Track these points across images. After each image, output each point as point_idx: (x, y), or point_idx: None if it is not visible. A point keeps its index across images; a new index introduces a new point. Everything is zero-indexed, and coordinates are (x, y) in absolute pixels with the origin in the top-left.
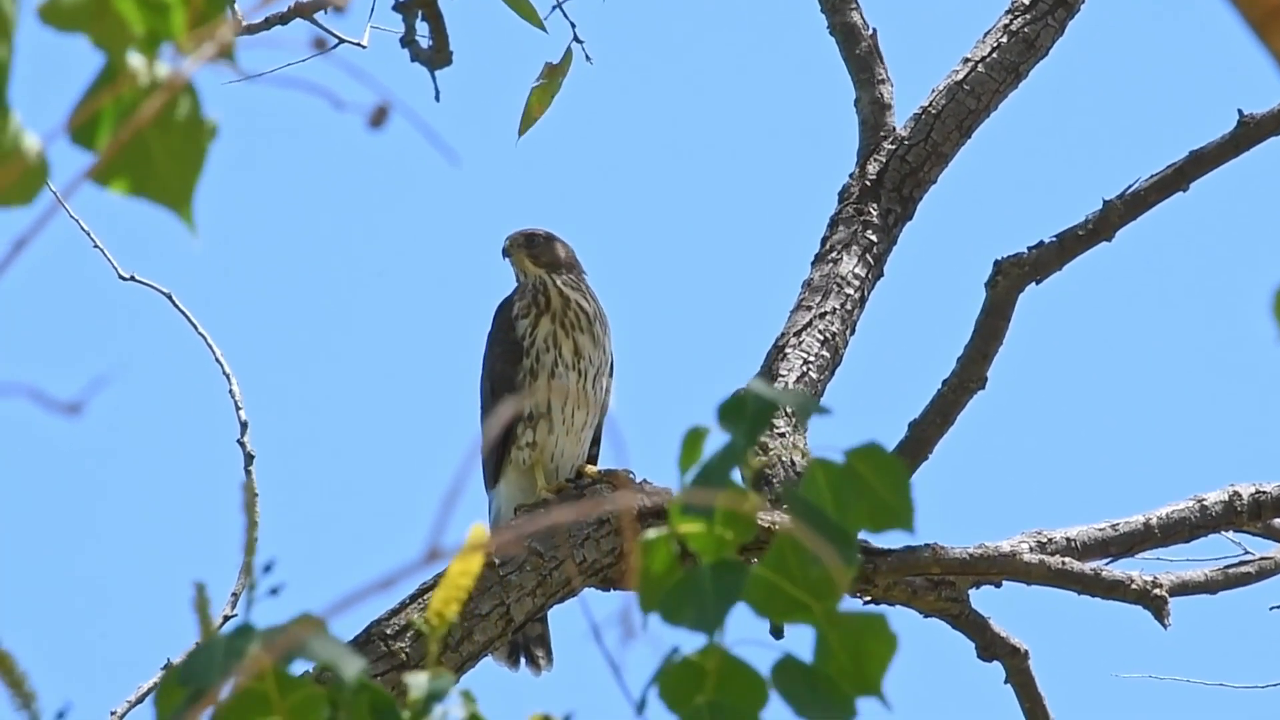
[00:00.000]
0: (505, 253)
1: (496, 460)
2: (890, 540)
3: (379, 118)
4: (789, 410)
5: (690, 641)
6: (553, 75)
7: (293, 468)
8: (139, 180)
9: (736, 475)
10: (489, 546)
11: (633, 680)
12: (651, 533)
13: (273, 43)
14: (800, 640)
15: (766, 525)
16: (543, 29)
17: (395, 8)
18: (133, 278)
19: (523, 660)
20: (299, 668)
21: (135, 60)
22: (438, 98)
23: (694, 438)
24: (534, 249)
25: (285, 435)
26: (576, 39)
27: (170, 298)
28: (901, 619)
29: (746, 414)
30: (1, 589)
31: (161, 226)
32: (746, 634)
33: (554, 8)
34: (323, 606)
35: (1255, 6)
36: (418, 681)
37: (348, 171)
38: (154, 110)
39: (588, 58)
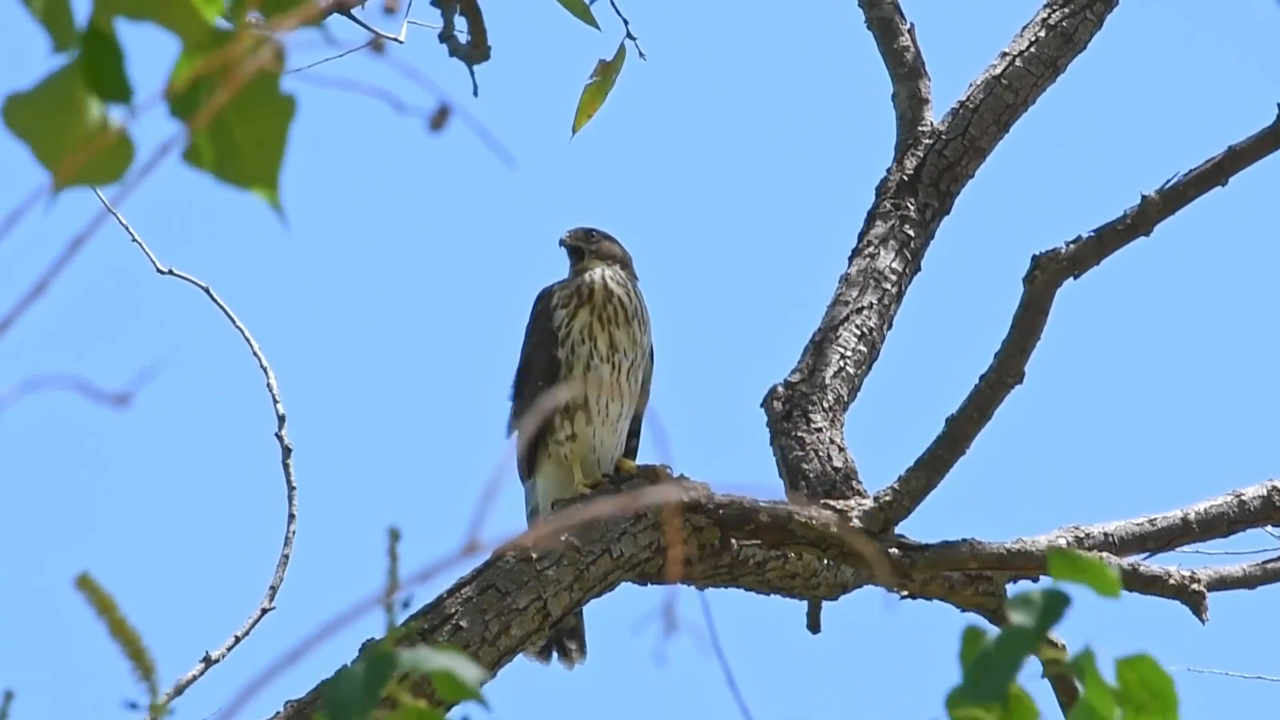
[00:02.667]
0: (563, 243)
1: (532, 452)
2: (929, 534)
3: (440, 120)
4: (826, 405)
5: None
6: (606, 73)
7: (330, 461)
8: (222, 163)
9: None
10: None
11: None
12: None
13: (325, 42)
14: None
15: (804, 521)
16: (595, 26)
17: (434, 2)
18: (171, 271)
19: (555, 653)
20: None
21: (222, 24)
22: (476, 93)
23: (973, 636)
24: (591, 243)
25: (323, 428)
26: (630, 35)
27: (208, 291)
28: (939, 613)
29: (1036, 607)
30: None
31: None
32: None
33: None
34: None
35: None
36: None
37: (391, 166)
38: (240, 82)
39: (641, 54)
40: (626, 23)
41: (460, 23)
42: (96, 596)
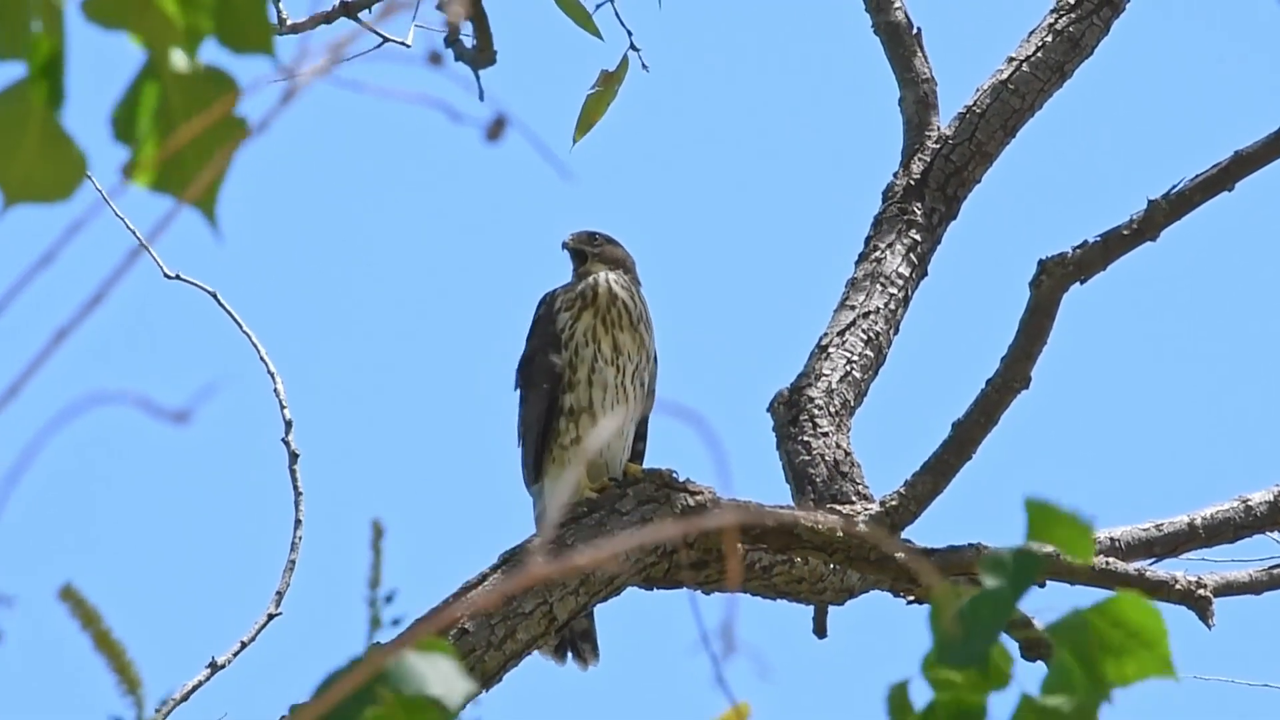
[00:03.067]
0: (565, 246)
1: (537, 458)
2: (934, 539)
3: (496, 131)
4: (833, 410)
5: None
6: (608, 83)
7: (337, 466)
8: (164, 177)
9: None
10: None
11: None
12: (898, 681)
13: (382, 56)
14: None
15: (810, 526)
16: (598, 35)
17: (439, 6)
18: (178, 276)
19: (570, 655)
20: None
21: (177, 58)
22: (481, 97)
23: (946, 594)
24: (594, 246)
25: (330, 434)
26: (633, 46)
27: (215, 296)
28: None
29: (1009, 568)
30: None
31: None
32: None
33: (598, 7)
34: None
35: None
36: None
37: (397, 172)
38: (204, 122)
39: (644, 66)
40: (630, 34)
41: (466, 27)
42: (81, 609)
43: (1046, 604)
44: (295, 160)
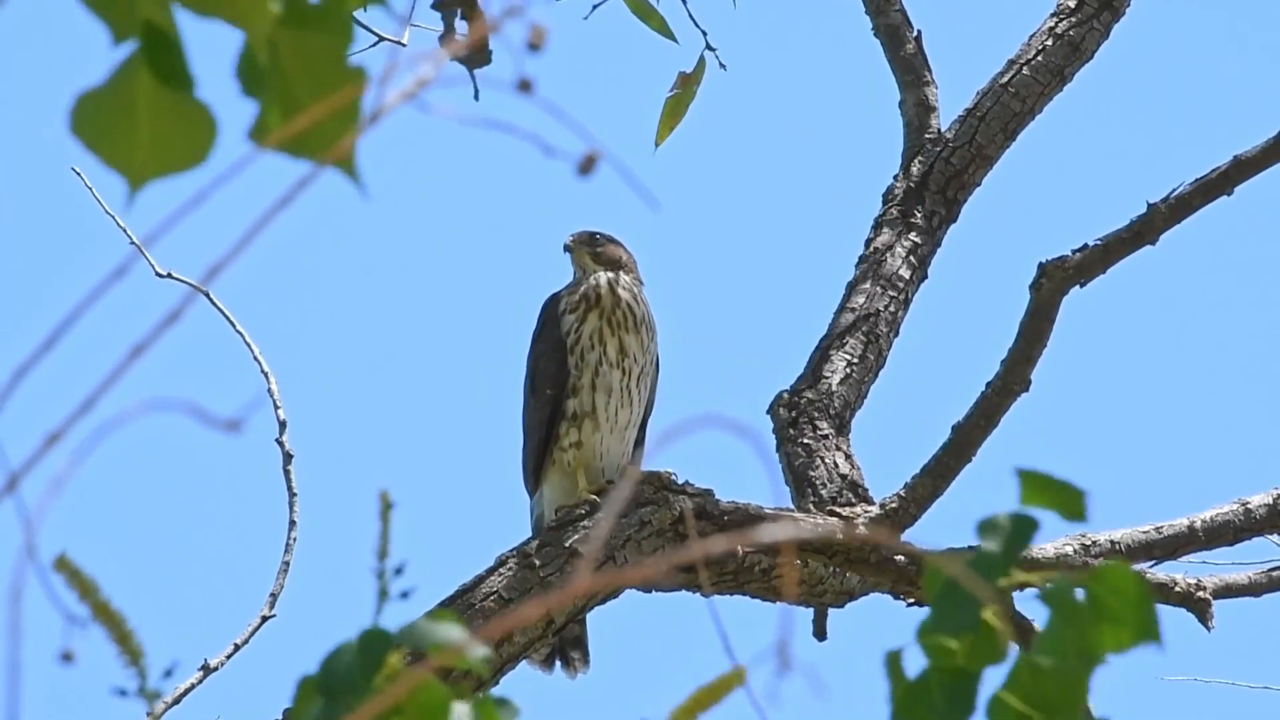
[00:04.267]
0: (567, 248)
1: (538, 462)
2: (935, 541)
3: (588, 165)
4: (833, 412)
5: None
6: (687, 84)
7: (332, 467)
8: (298, 140)
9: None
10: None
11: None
12: (893, 649)
13: (455, 80)
14: None
15: (813, 527)
16: (672, 38)
17: (434, 6)
18: (170, 274)
19: (558, 663)
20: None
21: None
22: (477, 96)
23: (939, 561)
24: (595, 247)
25: (324, 434)
26: (709, 46)
27: (208, 295)
28: None
29: (1003, 531)
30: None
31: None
32: None
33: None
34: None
35: None
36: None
37: (394, 172)
38: (338, 103)
39: (721, 65)
40: (705, 34)
41: (461, 26)
42: (77, 579)
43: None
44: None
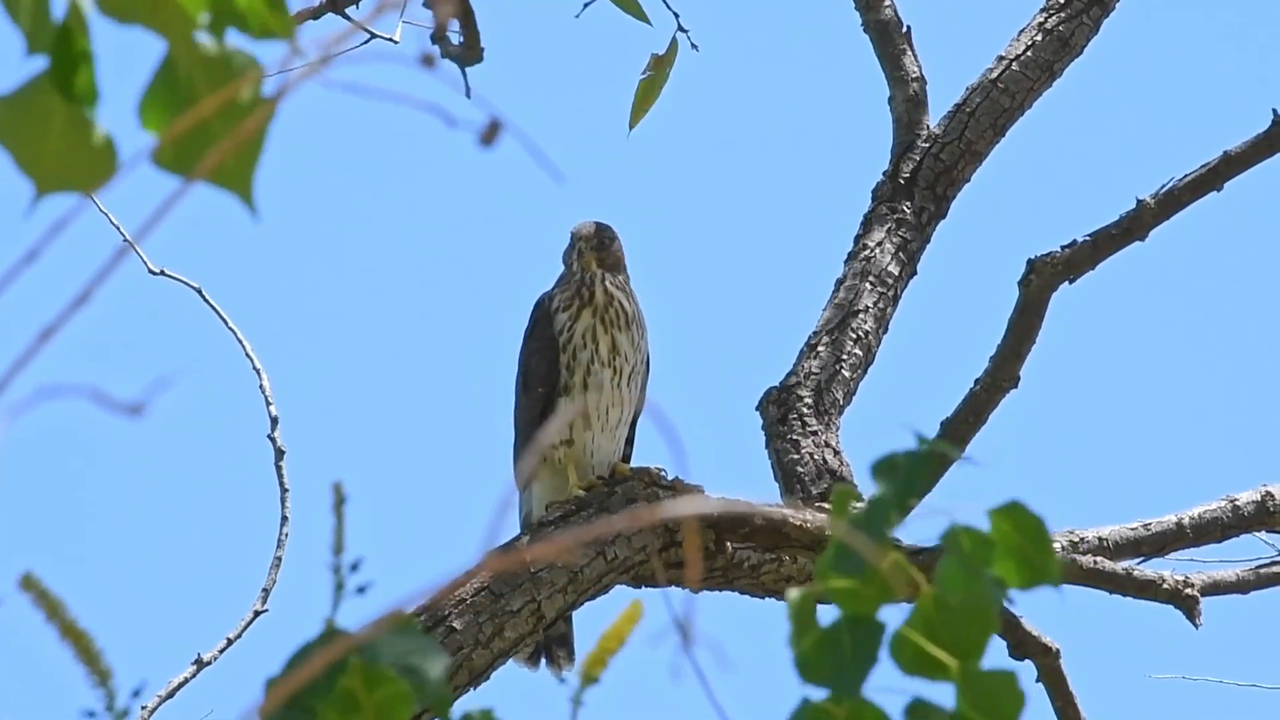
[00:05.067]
0: (579, 251)
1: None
2: (923, 538)
3: (491, 135)
4: (822, 408)
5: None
6: (659, 66)
7: (323, 463)
8: (187, 160)
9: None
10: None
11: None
12: (797, 591)
13: (373, 55)
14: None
15: (799, 524)
16: (647, 21)
17: (426, 4)
18: (163, 272)
19: (544, 660)
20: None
21: (203, 38)
22: (468, 94)
23: (843, 496)
24: (603, 250)
25: (316, 430)
26: (681, 28)
27: (200, 292)
28: None
29: (900, 473)
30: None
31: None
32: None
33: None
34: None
35: None
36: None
37: (385, 166)
38: (221, 100)
39: (694, 45)
40: (677, 16)
41: (453, 24)
42: (44, 599)
43: (1034, 600)
44: (279, 155)
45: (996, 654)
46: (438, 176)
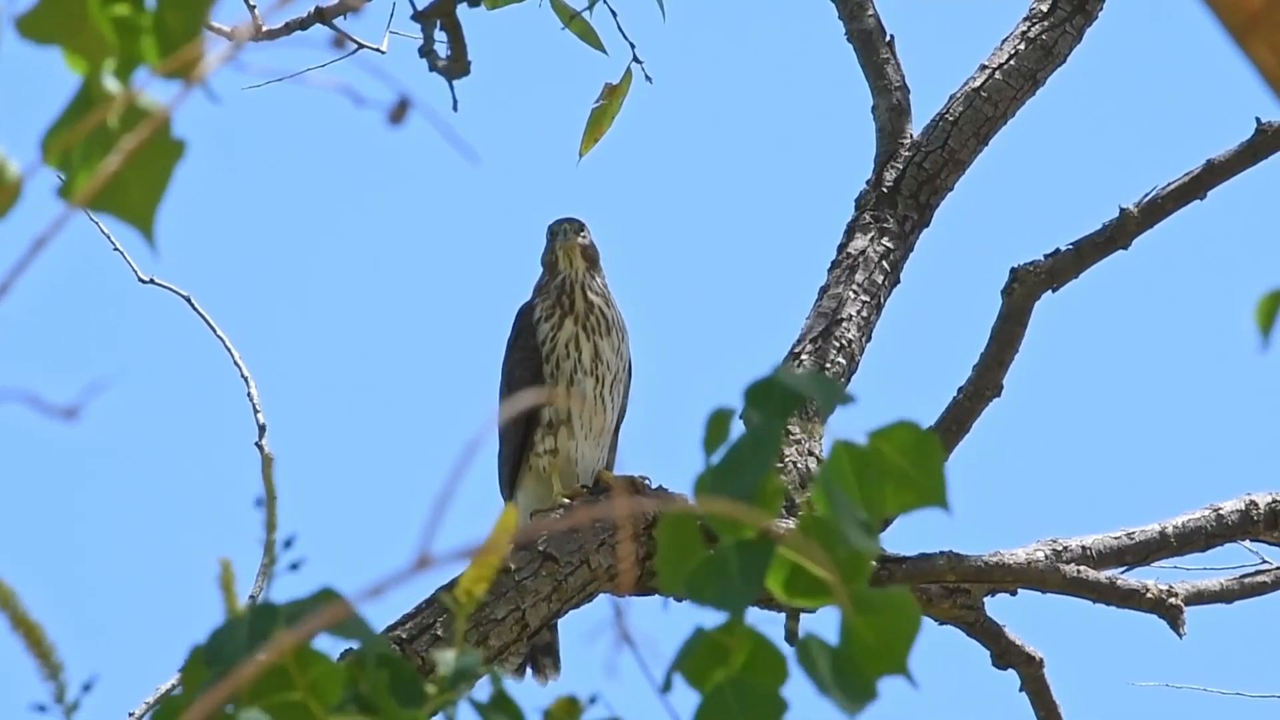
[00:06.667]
0: (559, 235)
1: (513, 469)
2: (906, 547)
3: (399, 114)
4: (805, 416)
5: (712, 621)
6: (613, 95)
7: (311, 471)
8: (104, 196)
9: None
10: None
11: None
12: (674, 511)
13: (298, 44)
14: (822, 618)
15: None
16: (602, 49)
17: (414, 17)
18: (152, 280)
19: (529, 669)
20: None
21: (110, 83)
22: (455, 107)
23: (719, 419)
24: (585, 245)
25: (304, 438)
26: (636, 59)
27: (189, 300)
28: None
29: (775, 397)
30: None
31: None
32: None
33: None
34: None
35: (1234, 14)
36: (444, 658)
37: (374, 176)
38: (133, 145)
39: (648, 77)
40: (634, 46)
41: (441, 37)
42: None
43: (1018, 610)
44: (270, 164)
45: (980, 662)
46: (426, 183)
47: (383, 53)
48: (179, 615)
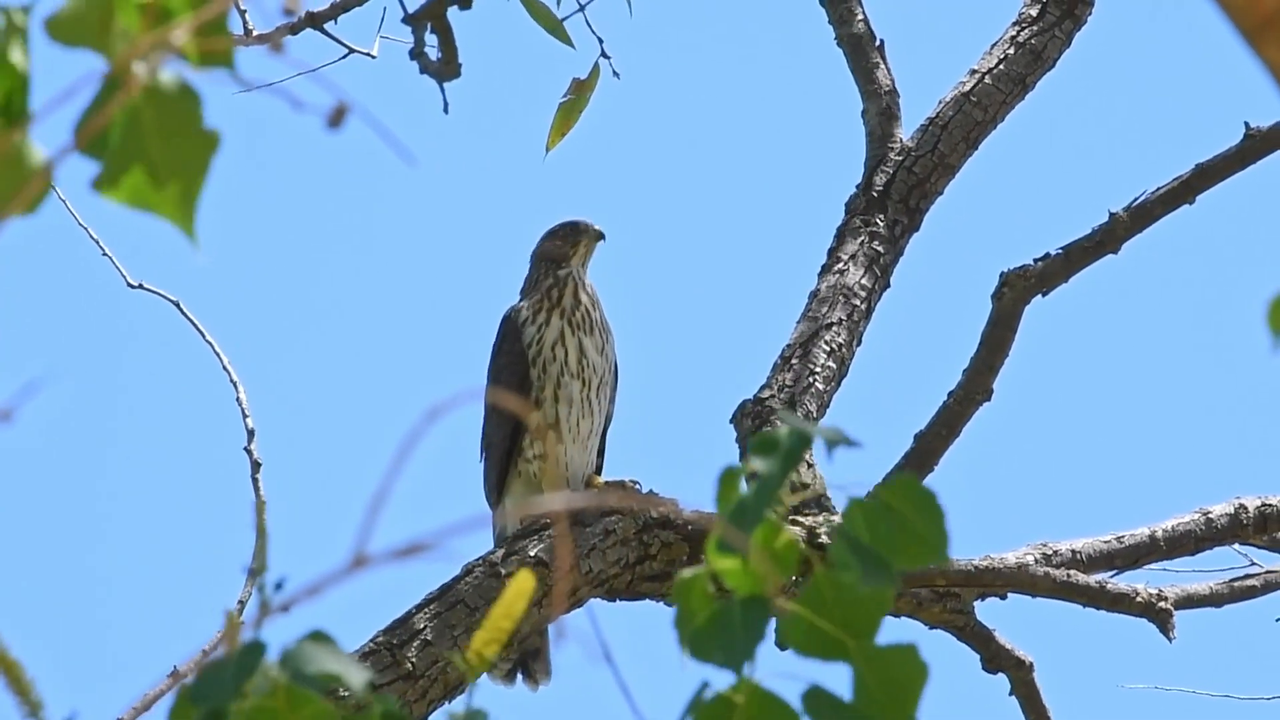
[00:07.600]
0: (587, 232)
1: (500, 475)
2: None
3: (337, 118)
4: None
5: (721, 676)
6: (580, 90)
7: (299, 475)
8: (142, 191)
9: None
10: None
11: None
12: (688, 571)
13: (275, 50)
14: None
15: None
16: (570, 44)
17: (404, 20)
18: (141, 285)
19: (520, 675)
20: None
21: (139, 68)
22: (446, 110)
23: (730, 476)
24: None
25: (292, 442)
26: (604, 54)
27: (178, 305)
28: (907, 630)
29: (780, 449)
30: (5, 597)
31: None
32: (779, 665)
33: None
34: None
35: (1248, 16)
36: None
37: (362, 181)
38: (175, 136)
39: (615, 74)
40: (601, 41)
41: (432, 39)
42: None
43: (1008, 614)
44: (258, 169)
45: (970, 666)
46: (416, 191)
47: (373, 57)
48: (165, 619)
